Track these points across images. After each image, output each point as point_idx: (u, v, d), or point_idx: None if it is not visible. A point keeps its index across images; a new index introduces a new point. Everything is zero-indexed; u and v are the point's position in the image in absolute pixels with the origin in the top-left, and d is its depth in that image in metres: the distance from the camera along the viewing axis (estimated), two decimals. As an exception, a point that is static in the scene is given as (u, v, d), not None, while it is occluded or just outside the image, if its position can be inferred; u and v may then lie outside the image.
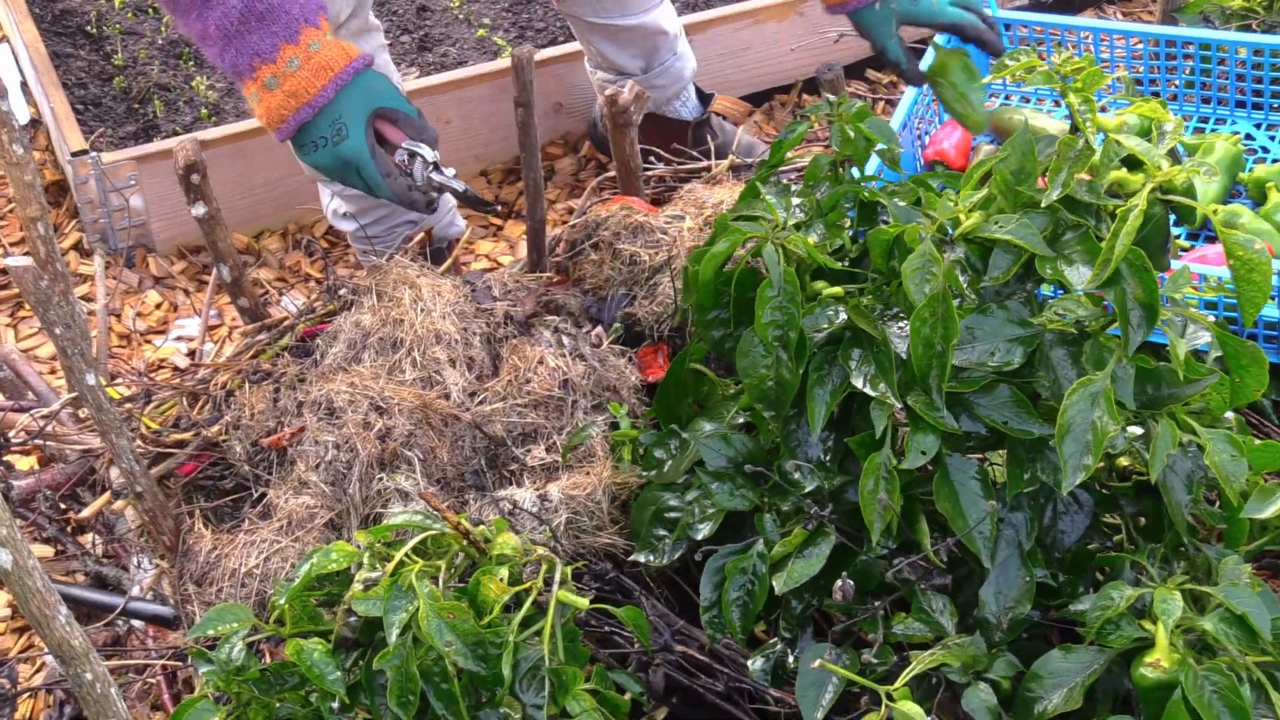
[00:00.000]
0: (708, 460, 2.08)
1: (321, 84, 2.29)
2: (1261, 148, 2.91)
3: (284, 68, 2.28)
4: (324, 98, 2.30)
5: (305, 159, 2.39)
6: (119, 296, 3.34)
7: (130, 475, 2.28)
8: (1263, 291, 1.85)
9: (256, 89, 2.30)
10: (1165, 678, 1.73)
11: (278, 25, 2.26)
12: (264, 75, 2.29)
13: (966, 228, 1.92)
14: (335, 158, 2.34)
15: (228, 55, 2.28)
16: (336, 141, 2.33)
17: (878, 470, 1.90)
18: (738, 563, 2.00)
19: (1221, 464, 1.85)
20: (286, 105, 2.30)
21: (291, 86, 2.28)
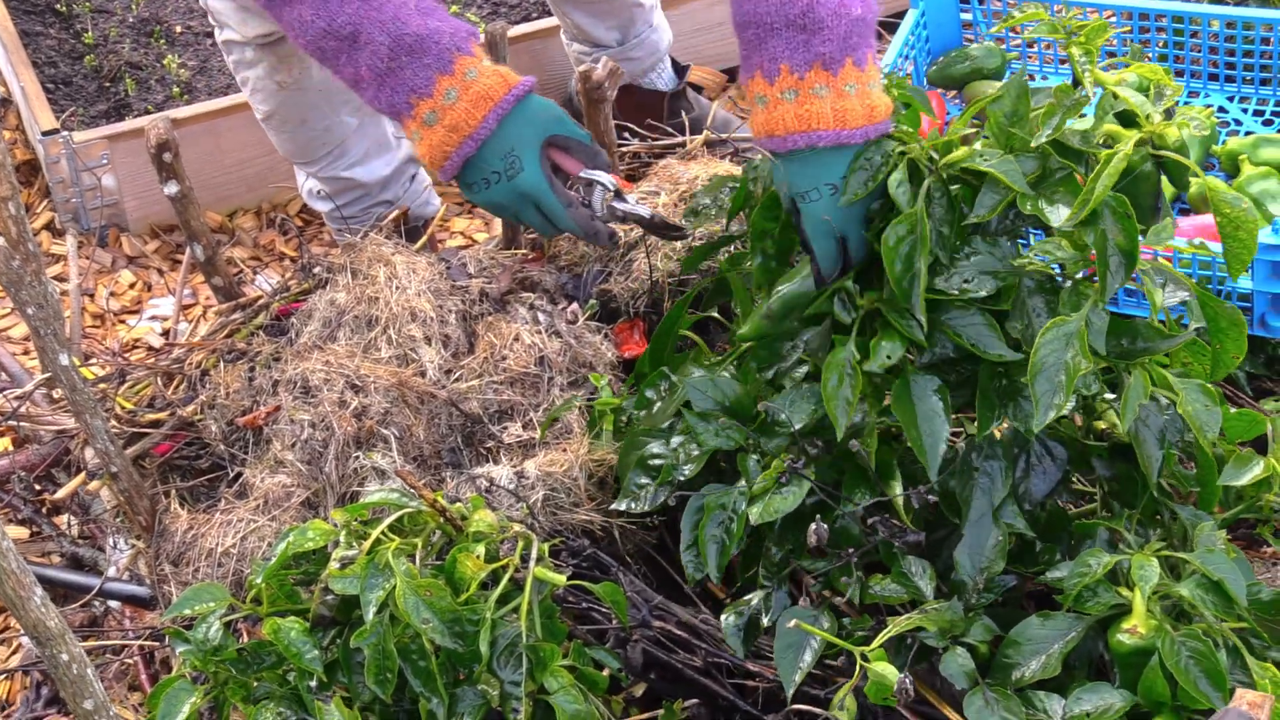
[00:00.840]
0: (694, 402, 2.09)
1: (482, 115, 2.16)
2: (1234, 120, 2.92)
3: (441, 101, 2.15)
4: (486, 129, 2.17)
5: (476, 198, 2.26)
6: (92, 276, 3.33)
7: (105, 456, 2.27)
8: (1249, 248, 1.86)
9: (417, 127, 2.18)
10: (1142, 644, 1.74)
11: (429, 57, 2.15)
12: (422, 111, 2.16)
13: (953, 158, 1.92)
14: (511, 193, 2.22)
15: (383, 96, 2.17)
16: (511, 176, 2.20)
17: (841, 366, 1.91)
18: (718, 498, 2.00)
19: (1195, 414, 1.86)
20: (449, 141, 2.18)
21: (451, 120, 2.16)
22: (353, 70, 2.18)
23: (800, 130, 1.98)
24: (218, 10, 2.81)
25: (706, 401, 2.09)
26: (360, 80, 2.19)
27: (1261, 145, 2.73)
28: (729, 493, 2.00)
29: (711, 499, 2.00)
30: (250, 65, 2.86)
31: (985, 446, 1.92)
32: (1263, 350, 2.62)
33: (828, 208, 1.98)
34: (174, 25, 3.96)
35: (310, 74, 2.86)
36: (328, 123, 2.94)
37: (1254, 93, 2.93)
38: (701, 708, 2.01)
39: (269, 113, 2.93)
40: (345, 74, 2.20)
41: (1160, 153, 1.89)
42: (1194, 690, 1.69)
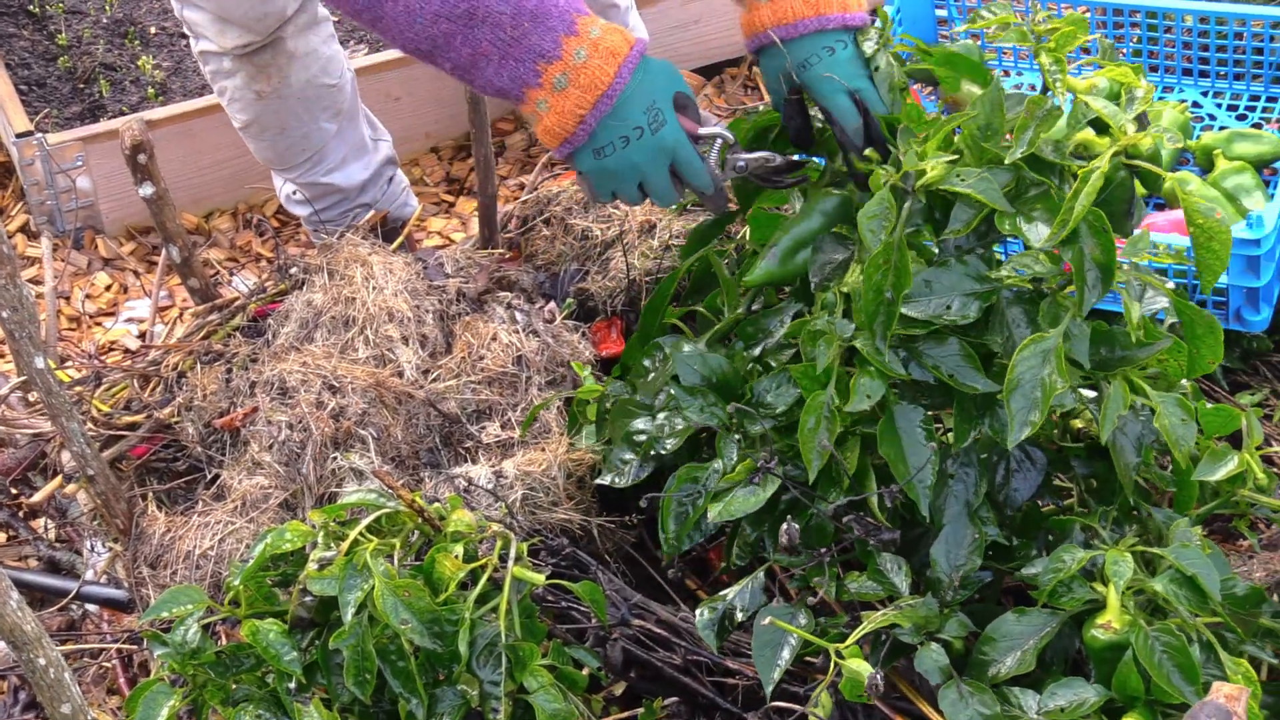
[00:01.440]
0: (683, 376, 2.09)
1: (614, 69, 2.06)
2: (1208, 115, 2.93)
3: (572, 61, 2.05)
4: (621, 83, 2.06)
5: (606, 163, 2.12)
6: (68, 279, 3.32)
7: (82, 459, 2.27)
8: (1221, 259, 1.85)
9: (545, 96, 2.06)
10: (1116, 639, 1.75)
11: (552, 20, 2.05)
12: (552, 76, 2.06)
13: (929, 179, 1.92)
14: (653, 150, 2.11)
15: (506, 68, 2.06)
16: (655, 129, 2.09)
17: (820, 409, 1.91)
18: (690, 471, 2.00)
19: (1171, 427, 1.86)
20: (583, 102, 2.06)
21: (586, 79, 2.05)
22: (470, 50, 2.06)
23: (810, 15, 2.07)
24: (195, 22, 2.80)
25: (694, 376, 2.09)
26: (478, 59, 2.06)
27: (1235, 140, 2.74)
28: (703, 468, 2.01)
29: (684, 470, 2.01)
30: (228, 75, 2.85)
31: (961, 455, 1.92)
32: (1238, 345, 2.63)
33: (830, 65, 2.05)
34: (148, 26, 3.95)
35: (289, 82, 2.85)
36: (306, 129, 2.93)
37: (1228, 87, 2.95)
38: (681, 706, 2.01)
39: (248, 122, 2.92)
40: (460, 56, 2.07)
41: (1134, 162, 1.89)
42: (1167, 685, 1.70)
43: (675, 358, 2.13)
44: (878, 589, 1.89)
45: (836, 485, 1.94)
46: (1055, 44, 2.02)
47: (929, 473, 1.88)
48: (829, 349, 1.92)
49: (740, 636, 2.01)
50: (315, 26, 2.88)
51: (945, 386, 1.91)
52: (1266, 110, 2.90)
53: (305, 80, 2.87)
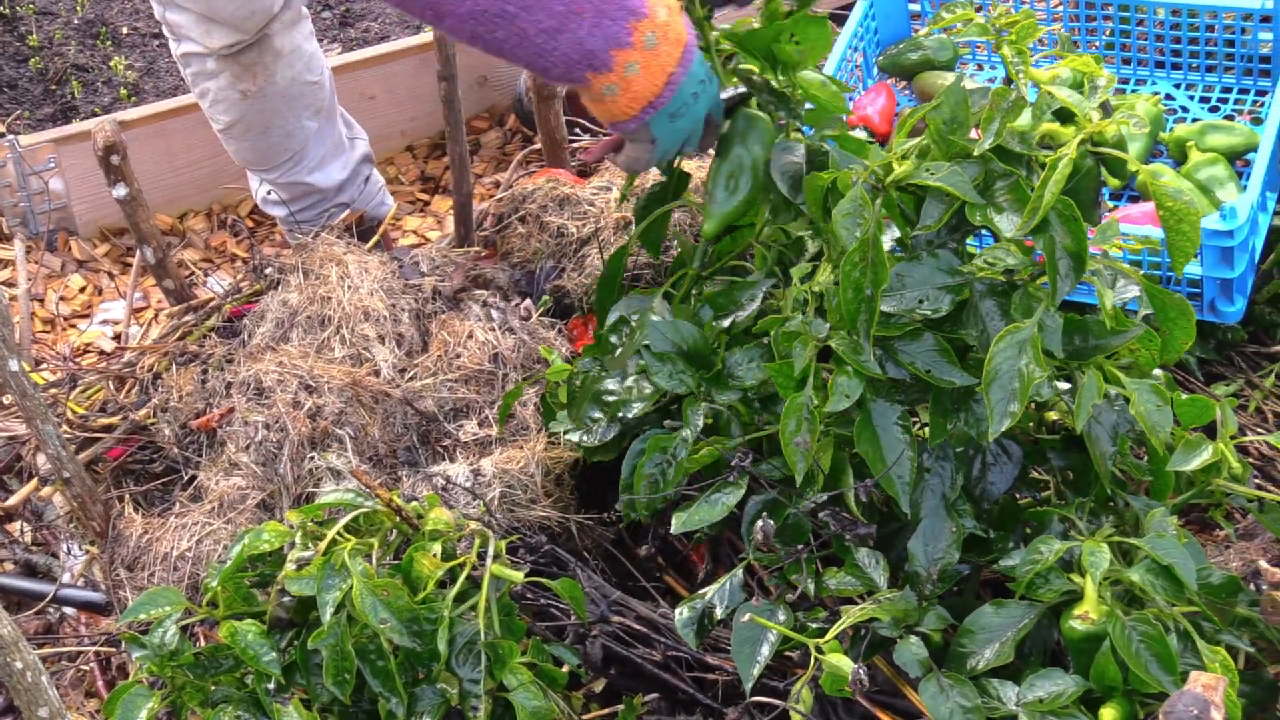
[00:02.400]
0: (654, 343, 2.08)
1: (684, 21, 2.01)
2: (1181, 107, 2.94)
3: (657, 17, 1.95)
4: (692, 34, 2.01)
5: (680, 122, 2.06)
6: (41, 281, 3.30)
7: (57, 461, 2.26)
8: (1192, 240, 1.87)
9: (636, 56, 1.95)
10: (1094, 629, 1.75)
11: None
12: (643, 34, 1.95)
13: (898, 175, 1.92)
14: (712, 99, 2.08)
15: (601, 27, 1.93)
16: (712, 77, 2.06)
17: (799, 411, 1.91)
18: (659, 441, 2.01)
19: (1146, 414, 1.87)
20: (671, 58, 1.98)
21: (673, 34, 1.97)
22: (564, 5, 1.92)
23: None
24: (178, 24, 2.79)
25: (665, 343, 2.08)
26: (571, 16, 1.92)
27: (1208, 132, 2.75)
28: (672, 438, 2.01)
29: (653, 440, 2.01)
30: (211, 76, 2.84)
31: (937, 449, 1.93)
32: (1213, 335, 2.64)
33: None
34: (120, 27, 3.94)
35: (274, 80, 2.84)
36: (289, 128, 2.93)
37: (1200, 80, 2.95)
38: (661, 702, 2.02)
39: (231, 123, 2.91)
40: (553, 12, 1.92)
41: (1100, 150, 1.90)
42: (1144, 674, 1.70)
43: (647, 324, 2.11)
44: (856, 584, 1.89)
45: (812, 483, 1.95)
46: (1016, 37, 2.03)
47: (907, 468, 1.88)
48: (805, 349, 1.92)
49: (720, 632, 2.02)
50: (298, 23, 2.88)
51: (920, 382, 1.91)
52: (1239, 102, 2.91)
53: (290, 78, 2.86)
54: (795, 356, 1.92)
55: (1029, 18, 2.03)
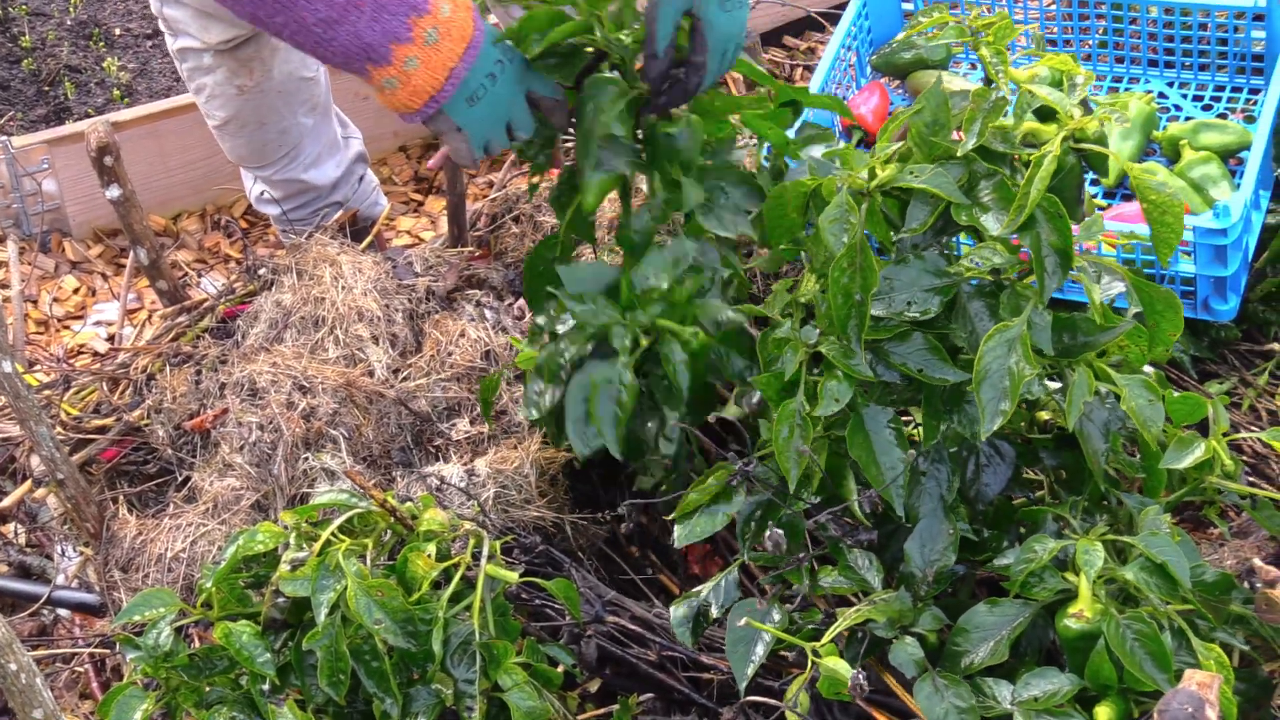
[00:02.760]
0: (568, 285, 2.05)
1: (472, 14, 2.01)
2: (1174, 106, 2.94)
3: (440, 13, 1.98)
4: (479, 25, 2.02)
5: (479, 107, 2.05)
6: (35, 282, 3.30)
7: (51, 463, 2.26)
8: (1176, 232, 1.87)
9: (416, 51, 1.97)
10: (1088, 628, 1.75)
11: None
12: (423, 29, 1.97)
13: (882, 179, 1.93)
14: (515, 79, 2.06)
15: (380, 21, 1.95)
16: (512, 59, 2.05)
17: (791, 417, 1.91)
18: (603, 374, 1.97)
19: (1138, 409, 1.87)
20: (453, 53, 1.99)
21: (455, 30, 1.99)
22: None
23: None
24: (175, 19, 2.79)
25: (581, 285, 2.05)
26: (350, 10, 1.95)
27: (1201, 130, 2.76)
28: (612, 366, 1.97)
29: (597, 374, 1.97)
30: (208, 71, 2.84)
31: (932, 451, 1.93)
32: (1206, 333, 2.65)
33: None
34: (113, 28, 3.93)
35: (271, 75, 2.84)
36: (285, 124, 2.93)
37: (1193, 78, 2.96)
38: (656, 701, 2.02)
39: (227, 118, 2.91)
40: (325, 13, 1.95)
41: (1082, 146, 1.91)
42: (1139, 672, 1.70)
43: (560, 272, 2.07)
44: (849, 584, 1.89)
45: (806, 485, 1.95)
46: (993, 37, 2.04)
47: (900, 472, 1.88)
48: (795, 356, 1.92)
49: (715, 631, 2.02)
50: None
51: (911, 384, 1.91)
52: (1232, 100, 2.91)
53: (286, 73, 2.86)
54: (785, 363, 1.92)
55: (1005, 19, 2.03)
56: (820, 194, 1.98)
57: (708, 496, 1.97)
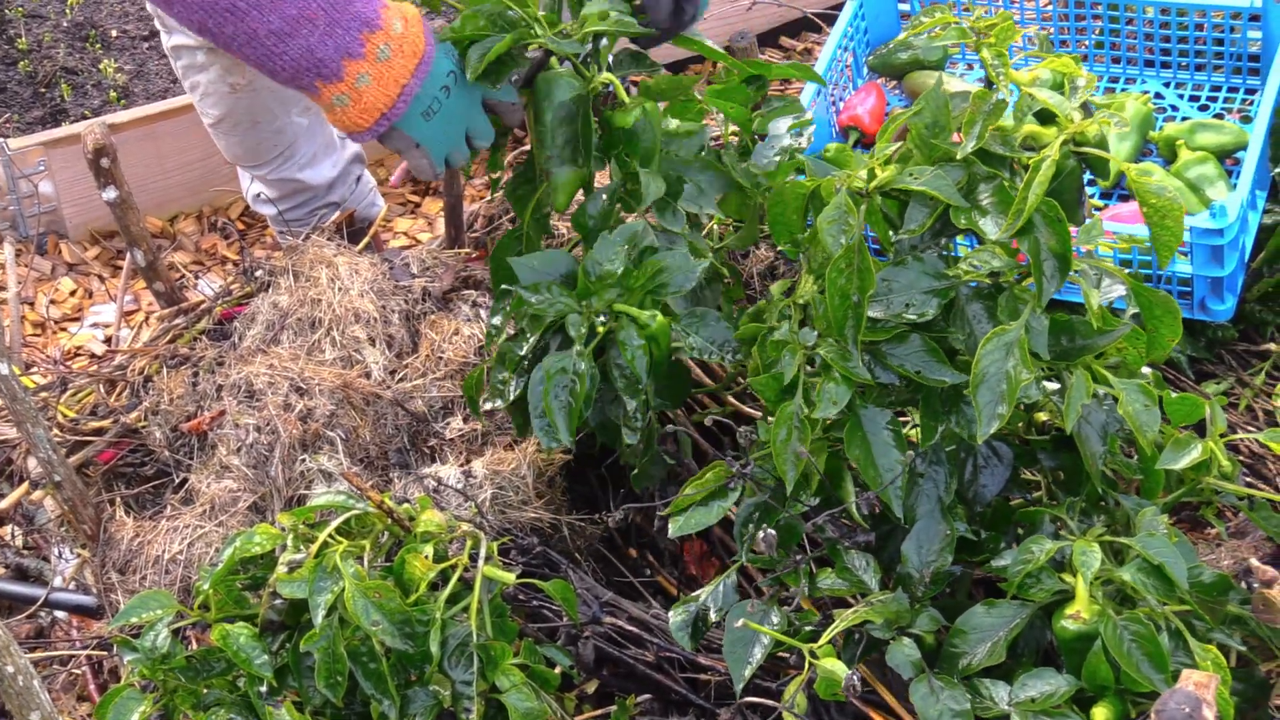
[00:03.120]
0: (522, 277, 2.05)
1: (422, 30, 2.01)
2: (1171, 106, 2.94)
3: (392, 30, 1.97)
4: (430, 41, 2.01)
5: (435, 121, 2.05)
6: (31, 284, 3.30)
7: (48, 465, 2.25)
8: (1175, 235, 1.87)
9: (367, 68, 1.96)
10: (1085, 629, 1.75)
11: None
12: (376, 45, 1.96)
13: (881, 180, 1.93)
14: (469, 90, 2.06)
15: (333, 36, 1.93)
16: (461, 69, 2.04)
17: (790, 419, 1.91)
18: (557, 362, 1.97)
19: (1135, 414, 1.87)
20: (405, 69, 1.98)
21: (408, 47, 1.98)
22: (297, 10, 1.92)
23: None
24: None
25: (533, 275, 2.05)
26: (302, 22, 1.92)
27: (1198, 130, 2.76)
28: (567, 356, 1.97)
29: (550, 364, 1.97)
30: (201, 69, 2.84)
31: (930, 453, 1.93)
32: (1204, 334, 2.65)
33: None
34: (109, 29, 3.93)
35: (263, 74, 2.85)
36: (279, 123, 2.93)
37: (1189, 78, 2.96)
38: (654, 703, 2.02)
39: (220, 116, 2.91)
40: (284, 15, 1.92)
41: (1082, 150, 1.91)
42: (1136, 673, 1.70)
43: (513, 264, 2.07)
44: (846, 585, 1.90)
45: (805, 486, 1.95)
46: (995, 39, 2.04)
47: (898, 474, 1.88)
48: (794, 358, 1.92)
49: (713, 632, 2.02)
50: None
51: (909, 386, 1.91)
52: (1228, 101, 2.91)
53: None
54: (784, 366, 1.92)
55: (1006, 20, 2.03)
56: (819, 195, 1.98)
57: (704, 493, 1.97)
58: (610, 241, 2.02)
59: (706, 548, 2.32)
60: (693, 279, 2.00)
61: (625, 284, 2.00)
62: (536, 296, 2.01)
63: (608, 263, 2.01)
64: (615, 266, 2.00)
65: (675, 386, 2.14)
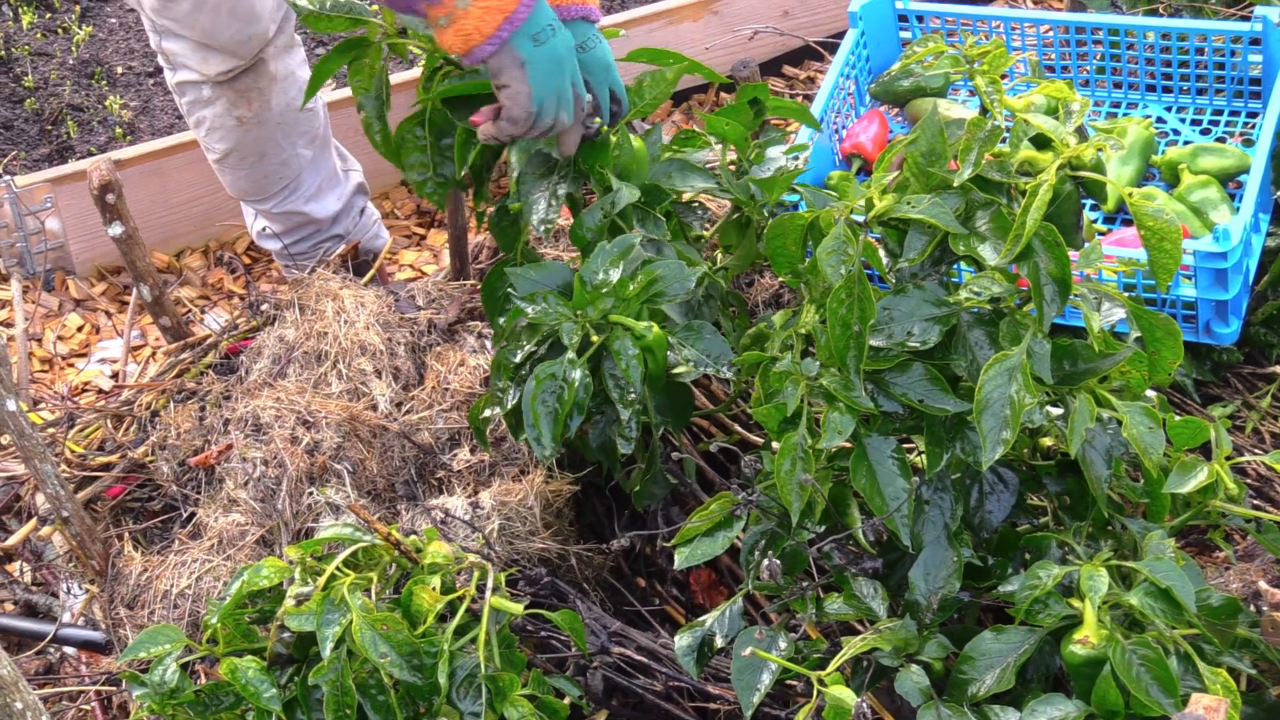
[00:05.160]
0: (519, 287, 2.05)
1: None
2: (1173, 130, 2.95)
3: None
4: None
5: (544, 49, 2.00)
6: (39, 320, 3.31)
7: (56, 500, 2.26)
8: (1174, 258, 1.87)
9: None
10: (1094, 654, 1.75)
11: None
12: None
13: (879, 210, 1.93)
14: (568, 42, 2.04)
15: None
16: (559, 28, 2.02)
17: (794, 450, 1.91)
18: (547, 368, 1.97)
19: (1139, 436, 1.87)
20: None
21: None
22: None
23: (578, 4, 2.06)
24: (175, 52, 2.81)
25: (530, 285, 2.05)
26: None
27: (1200, 154, 2.76)
28: (558, 362, 1.97)
29: (541, 370, 1.97)
30: (207, 104, 2.85)
31: (936, 479, 1.93)
32: (1209, 357, 2.65)
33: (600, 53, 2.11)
34: (115, 66, 3.95)
35: (270, 106, 2.86)
36: (285, 156, 2.94)
37: (1191, 102, 2.97)
38: (663, 732, 2.01)
39: (226, 151, 2.92)
40: None
41: (1079, 174, 1.91)
42: (1145, 698, 1.70)
43: (509, 274, 2.07)
44: (854, 612, 1.89)
45: (810, 514, 1.95)
46: (988, 66, 2.04)
47: (905, 501, 1.88)
48: (797, 389, 1.92)
49: (721, 661, 2.01)
50: (292, 49, 2.90)
51: (913, 413, 1.91)
52: (1230, 124, 2.92)
53: (285, 104, 2.88)
54: (787, 396, 1.92)
55: (999, 47, 2.04)
56: (818, 225, 1.98)
57: (710, 524, 1.97)
58: (605, 251, 2.03)
59: (714, 576, 2.31)
60: (688, 285, 2.01)
61: (620, 293, 2.00)
62: (533, 306, 2.01)
63: (603, 272, 2.01)
64: (610, 276, 2.01)
65: (677, 405, 2.15)
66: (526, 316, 2.01)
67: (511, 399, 2.07)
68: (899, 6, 3.05)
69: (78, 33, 4.02)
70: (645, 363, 1.97)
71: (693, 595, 2.31)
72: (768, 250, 2.07)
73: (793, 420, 1.92)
